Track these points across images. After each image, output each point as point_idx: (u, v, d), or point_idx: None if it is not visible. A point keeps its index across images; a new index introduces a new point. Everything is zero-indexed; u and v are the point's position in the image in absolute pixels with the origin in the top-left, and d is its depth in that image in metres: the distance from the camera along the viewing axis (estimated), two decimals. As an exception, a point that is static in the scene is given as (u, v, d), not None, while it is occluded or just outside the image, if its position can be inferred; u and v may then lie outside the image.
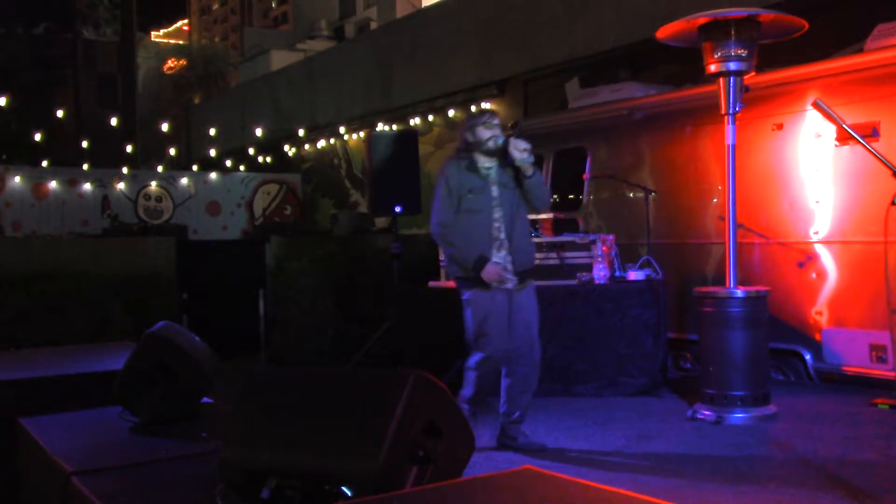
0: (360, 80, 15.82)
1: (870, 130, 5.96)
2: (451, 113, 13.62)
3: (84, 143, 20.16)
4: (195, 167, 18.11)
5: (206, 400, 3.11)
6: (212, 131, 18.53)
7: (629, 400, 6.17)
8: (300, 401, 2.06)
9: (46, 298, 7.18)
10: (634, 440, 5.10)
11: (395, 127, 13.80)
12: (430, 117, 14.11)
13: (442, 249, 5.11)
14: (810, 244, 6.42)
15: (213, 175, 16.59)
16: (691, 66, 6.17)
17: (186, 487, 2.25)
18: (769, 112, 6.65)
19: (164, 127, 19.24)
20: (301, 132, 17.13)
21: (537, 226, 6.57)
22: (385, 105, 15.02)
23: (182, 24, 60.06)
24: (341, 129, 16.50)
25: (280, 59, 23.20)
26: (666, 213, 7.42)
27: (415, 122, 14.21)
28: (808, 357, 6.40)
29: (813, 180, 6.42)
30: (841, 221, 6.27)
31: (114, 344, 4.59)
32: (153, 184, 15.82)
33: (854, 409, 5.57)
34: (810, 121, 6.40)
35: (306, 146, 18.04)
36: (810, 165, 6.43)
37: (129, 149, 19.79)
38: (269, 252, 8.83)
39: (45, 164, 15.87)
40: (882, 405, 5.53)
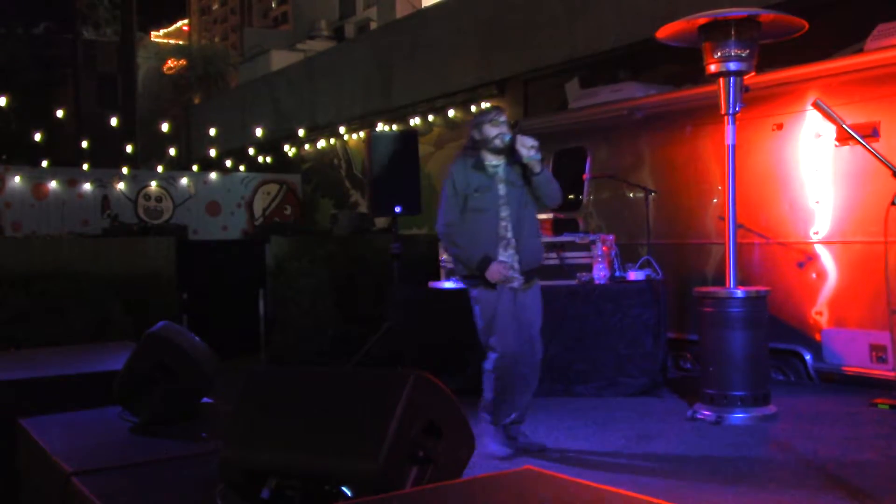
0: (360, 81, 15.80)
1: (870, 130, 5.96)
2: (451, 113, 13.61)
3: (84, 143, 20.12)
4: (195, 167, 18.08)
5: (206, 400, 3.11)
6: (212, 131, 18.52)
7: (629, 400, 6.17)
8: (300, 401, 2.06)
9: (46, 298, 7.18)
10: (634, 440, 5.10)
11: (395, 127, 13.78)
12: (430, 117, 14.10)
13: (448, 249, 5.09)
14: (810, 244, 6.42)
15: (213, 175, 16.58)
16: (691, 66, 6.17)
17: (186, 487, 2.25)
18: (769, 112, 6.65)
19: (164, 127, 19.22)
20: (301, 132, 17.11)
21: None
22: (385, 105, 15.00)
23: (182, 24, 60.12)
24: (341, 130, 16.48)
25: (280, 59, 23.16)
26: (666, 213, 7.42)
27: (415, 122, 14.20)
28: (808, 357, 6.40)
29: (813, 180, 6.42)
30: (841, 221, 6.27)
31: (114, 344, 4.59)
32: (153, 184, 15.81)
33: (854, 409, 5.57)
34: (810, 121, 6.40)
35: (306, 146, 18.02)
36: (810, 165, 6.43)
37: (129, 149, 19.77)
38: (269, 252, 8.83)
39: (45, 164, 15.85)
40: (882, 405, 5.53)
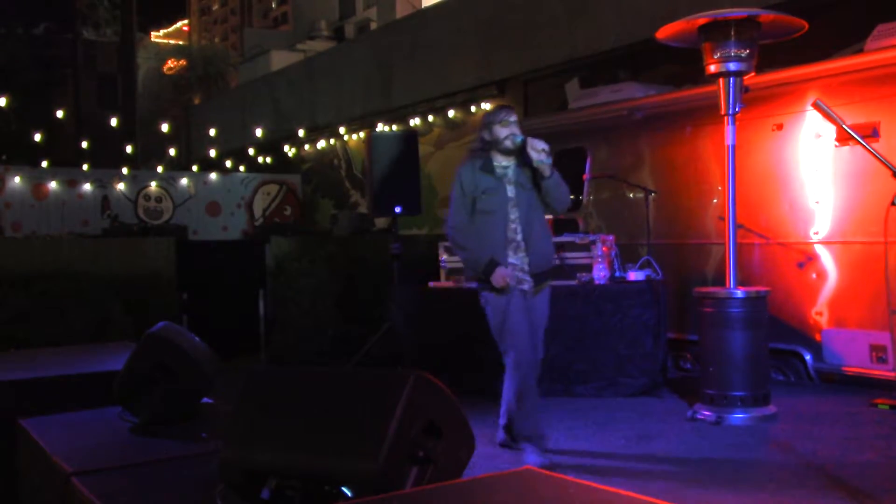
0: (360, 81, 15.80)
1: (870, 131, 5.96)
2: (451, 113, 13.61)
3: (84, 144, 20.15)
4: (195, 167, 18.09)
5: (206, 400, 3.10)
6: (212, 132, 18.52)
7: (629, 400, 6.17)
8: (300, 401, 2.06)
9: (46, 298, 7.18)
10: (634, 440, 5.10)
11: (395, 127, 13.79)
12: (430, 118, 14.10)
13: (456, 252, 5.07)
14: (810, 244, 6.42)
15: (213, 175, 16.58)
16: (691, 66, 6.17)
17: (186, 487, 2.25)
18: (769, 112, 6.65)
19: (164, 127, 19.24)
20: (301, 132, 17.11)
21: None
22: (385, 105, 15.00)
23: (182, 24, 60.14)
24: (341, 130, 16.48)
25: (280, 59, 23.15)
26: (666, 213, 7.42)
27: (415, 122, 14.20)
28: (808, 357, 6.40)
29: (813, 181, 6.42)
30: (841, 222, 6.27)
31: (114, 344, 4.58)
32: (153, 184, 15.81)
33: (854, 410, 5.58)
34: (810, 121, 6.40)
35: (306, 146, 18.02)
36: (810, 166, 6.43)
37: (129, 149, 19.79)
38: (269, 252, 8.83)
39: (44, 164, 15.86)
40: (882, 405, 5.53)
